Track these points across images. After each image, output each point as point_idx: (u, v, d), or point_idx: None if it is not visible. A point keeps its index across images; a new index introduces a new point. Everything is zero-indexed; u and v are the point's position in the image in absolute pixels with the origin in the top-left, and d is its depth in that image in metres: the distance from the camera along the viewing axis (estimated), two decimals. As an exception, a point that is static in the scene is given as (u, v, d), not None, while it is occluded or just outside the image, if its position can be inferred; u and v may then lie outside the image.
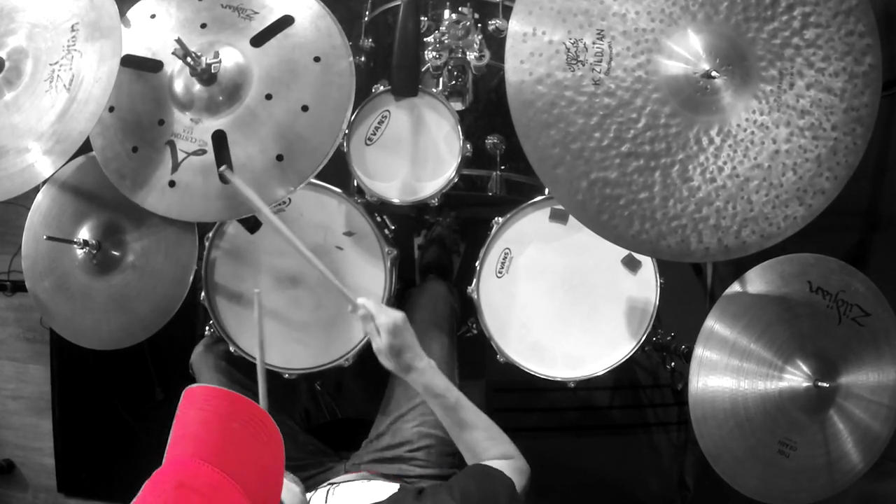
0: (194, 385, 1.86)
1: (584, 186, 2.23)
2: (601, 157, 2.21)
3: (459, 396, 2.41)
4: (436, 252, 3.94)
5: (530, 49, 2.21)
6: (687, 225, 2.25)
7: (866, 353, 2.55)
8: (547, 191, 2.97)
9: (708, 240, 2.26)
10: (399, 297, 3.08)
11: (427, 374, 2.42)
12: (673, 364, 3.62)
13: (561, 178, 2.23)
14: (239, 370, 2.95)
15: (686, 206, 2.24)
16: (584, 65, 2.20)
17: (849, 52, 2.21)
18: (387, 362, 2.42)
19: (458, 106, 3.09)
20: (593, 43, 2.20)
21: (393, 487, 2.31)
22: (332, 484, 2.41)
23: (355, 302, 2.48)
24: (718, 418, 2.51)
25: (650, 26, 2.20)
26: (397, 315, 2.44)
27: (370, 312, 2.44)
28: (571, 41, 2.20)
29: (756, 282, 2.54)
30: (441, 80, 3.10)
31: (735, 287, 2.55)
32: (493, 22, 3.08)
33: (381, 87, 2.97)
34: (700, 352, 2.52)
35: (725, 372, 2.51)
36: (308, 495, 2.34)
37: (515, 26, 2.23)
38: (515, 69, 2.22)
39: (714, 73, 2.15)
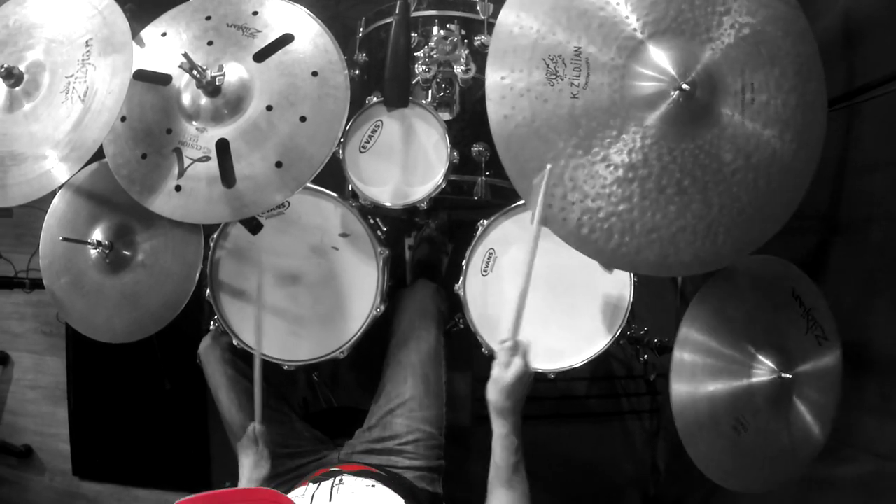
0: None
1: (563, 199, 2.23)
2: (580, 170, 2.20)
3: (521, 461, 2.33)
4: (426, 251, 3.94)
5: (510, 65, 2.22)
6: (665, 237, 2.24)
7: (822, 366, 2.56)
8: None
9: (684, 251, 2.25)
10: (390, 295, 3.08)
11: (513, 431, 2.33)
12: (646, 356, 3.62)
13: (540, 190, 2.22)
14: (242, 360, 2.98)
15: (664, 215, 2.23)
16: (562, 79, 2.19)
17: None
18: (493, 394, 2.32)
19: (446, 116, 3.09)
20: (571, 59, 2.19)
21: (398, 502, 2.29)
22: (336, 476, 2.40)
23: (517, 338, 2.44)
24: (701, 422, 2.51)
25: (626, 44, 2.20)
26: (531, 370, 2.40)
27: (522, 349, 2.40)
28: (550, 57, 2.19)
29: (750, 271, 2.55)
30: (430, 91, 3.10)
31: (732, 271, 2.56)
32: (479, 38, 3.09)
33: (375, 99, 2.98)
34: (684, 334, 2.52)
35: (704, 372, 2.52)
36: (312, 487, 2.33)
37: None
38: (496, 85, 2.23)
39: (685, 86, 2.14)
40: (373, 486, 2.35)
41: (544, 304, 2.95)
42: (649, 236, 2.23)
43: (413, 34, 3.04)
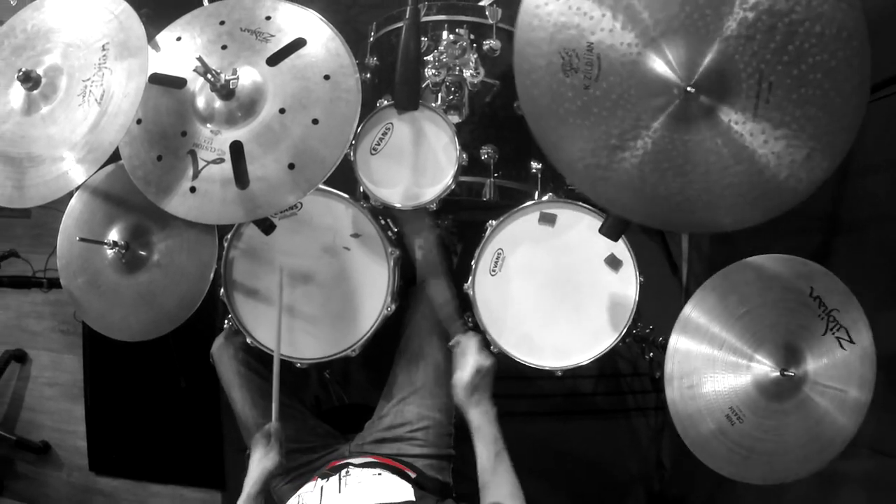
0: None
1: (581, 167, 2.24)
2: (593, 146, 2.22)
3: (502, 450, 2.39)
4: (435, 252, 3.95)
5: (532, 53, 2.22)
6: (671, 205, 2.24)
7: (841, 366, 2.55)
8: (536, 195, 3.01)
9: (688, 214, 2.25)
10: (401, 294, 3.09)
11: (485, 418, 2.42)
12: (651, 354, 3.62)
13: (564, 147, 2.26)
14: (254, 359, 2.98)
15: (667, 188, 2.23)
16: (577, 71, 2.19)
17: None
18: (460, 392, 2.45)
19: (456, 119, 3.10)
20: (584, 53, 2.18)
21: (406, 488, 2.31)
22: (343, 469, 2.41)
23: (463, 336, 2.56)
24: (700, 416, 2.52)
25: (638, 40, 2.19)
26: (488, 361, 2.51)
27: (472, 347, 2.51)
28: (565, 50, 2.19)
29: (763, 267, 2.55)
30: (440, 95, 3.11)
31: (744, 266, 2.56)
32: (488, 42, 3.09)
33: (385, 102, 2.98)
34: (685, 315, 2.52)
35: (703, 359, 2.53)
36: (321, 481, 2.34)
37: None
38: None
39: (690, 89, 2.13)
40: (379, 474, 2.37)
41: (552, 303, 2.96)
42: (653, 200, 2.26)
43: (423, 39, 3.05)
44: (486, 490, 2.33)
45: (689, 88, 2.12)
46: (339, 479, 2.34)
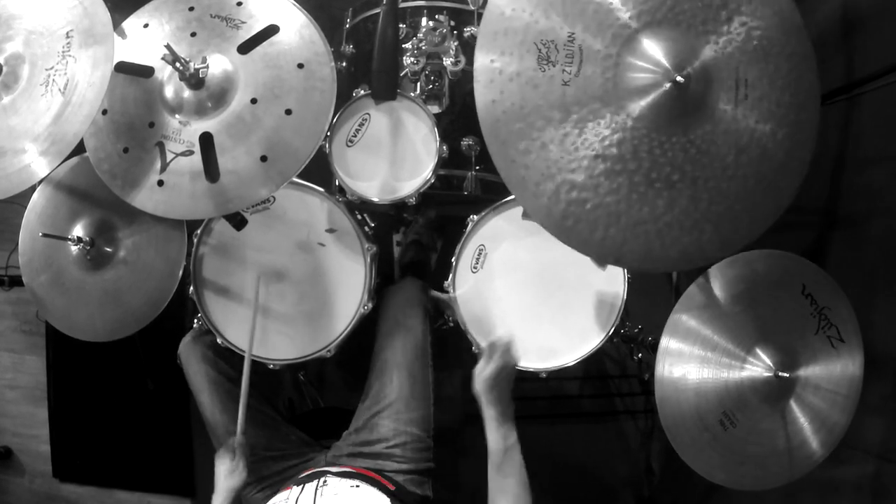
0: None
1: (550, 189, 2.21)
2: (569, 159, 2.19)
3: (514, 446, 2.38)
4: (413, 252, 3.94)
5: (500, 48, 2.21)
6: (651, 231, 2.22)
7: (832, 365, 2.56)
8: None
9: (670, 247, 2.23)
10: (378, 292, 3.09)
11: (503, 415, 2.39)
12: (640, 355, 3.62)
13: (527, 180, 2.22)
14: (224, 361, 2.97)
15: (652, 209, 2.21)
16: (554, 65, 2.18)
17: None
18: (480, 385, 2.41)
19: (435, 109, 3.10)
20: (564, 45, 2.18)
21: (384, 502, 2.31)
22: (320, 477, 2.40)
23: (500, 335, 2.51)
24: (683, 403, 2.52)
25: (620, 32, 2.18)
26: (513, 362, 2.47)
27: (505, 345, 2.46)
28: (542, 41, 2.19)
29: (755, 264, 2.56)
30: (419, 84, 3.11)
31: (736, 262, 2.56)
32: (469, 29, 3.10)
33: (362, 91, 2.98)
34: (674, 320, 2.53)
35: (692, 359, 2.53)
36: (296, 490, 2.34)
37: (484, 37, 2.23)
38: (485, 68, 2.22)
39: (679, 79, 2.13)
40: (357, 486, 2.36)
41: (536, 301, 2.96)
42: (635, 229, 2.22)
43: (401, 25, 3.05)
44: (491, 483, 2.35)
45: (678, 77, 2.13)
46: (316, 489, 2.32)
